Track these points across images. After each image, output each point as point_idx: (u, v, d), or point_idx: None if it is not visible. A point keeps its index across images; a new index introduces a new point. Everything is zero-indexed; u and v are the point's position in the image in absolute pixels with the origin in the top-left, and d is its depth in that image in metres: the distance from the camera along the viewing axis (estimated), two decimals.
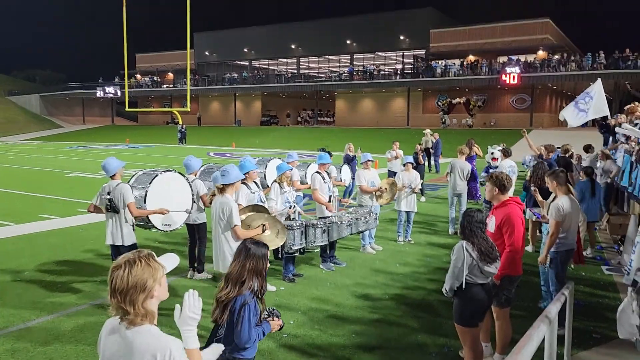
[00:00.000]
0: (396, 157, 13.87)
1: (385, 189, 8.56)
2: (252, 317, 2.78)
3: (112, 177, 5.81)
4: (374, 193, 8.38)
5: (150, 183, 6.10)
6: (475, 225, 3.99)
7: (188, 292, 2.17)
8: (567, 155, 11.08)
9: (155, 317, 2.04)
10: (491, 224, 4.56)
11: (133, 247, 5.68)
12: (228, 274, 2.96)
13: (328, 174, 7.83)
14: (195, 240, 7.08)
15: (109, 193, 5.72)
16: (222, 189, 5.02)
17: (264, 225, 5.25)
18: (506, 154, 10.00)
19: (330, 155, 8.41)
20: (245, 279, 2.88)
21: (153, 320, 2.02)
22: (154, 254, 2.08)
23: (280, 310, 5.72)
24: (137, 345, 1.96)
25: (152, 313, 2.01)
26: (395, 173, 13.51)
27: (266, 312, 3.00)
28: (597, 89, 11.06)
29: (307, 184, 8.55)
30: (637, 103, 10.66)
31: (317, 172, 7.64)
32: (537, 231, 8.50)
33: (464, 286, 3.91)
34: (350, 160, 13.08)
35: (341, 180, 10.08)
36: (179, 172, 6.59)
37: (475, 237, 3.96)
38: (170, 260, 2.18)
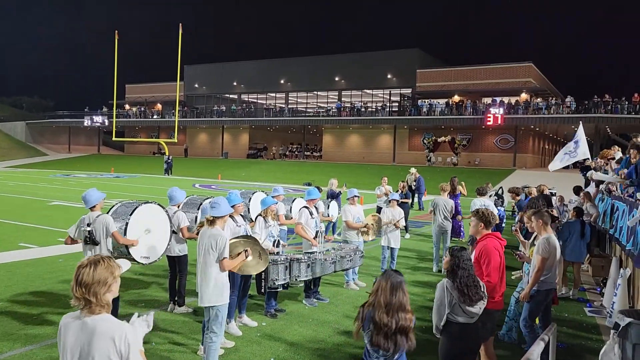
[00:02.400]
0: (386, 194, 13.92)
1: (372, 224, 8.58)
2: None
3: (92, 208, 5.74)
4: (359, 229, 8.38)
5: (130, 215, 6.05)
6: (464, 263, 3.98)
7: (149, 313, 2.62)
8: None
9: (111, 308, 2.45)
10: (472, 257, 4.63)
11: None
12: (389, 305, 3.36)
13: (316, 208, 7.82)
14: (175, 272, 6.95)
15: (88, 225, 5.62)
16: (211, 221, 5.00)
17: (246, 251, 5.29)
18: (479, 193, 10.14)
19: (320, 190, 8.40)
20: (408, 304, 3.40)
21: (109, 310, 2.43)
22: (112, 257, 2.55)
23: (261, 347, 5.64)
24: (98, 329, 2.36)
25: (109, 304, 2.43)
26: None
27: None
28: (580, 133, 11.73)
29: (292, 218, 8.52)
30: (616, 147, 10.98)
31: (305, 206, 7.63)
32: None
33: (443, 323, 3.93)
34: (335, 196, 12.98)
35: (329, 216, 10.06)
36: (157, 204, 6.53)
37: (459, 276, 3.94)
38: (124, 264, 2.66)
